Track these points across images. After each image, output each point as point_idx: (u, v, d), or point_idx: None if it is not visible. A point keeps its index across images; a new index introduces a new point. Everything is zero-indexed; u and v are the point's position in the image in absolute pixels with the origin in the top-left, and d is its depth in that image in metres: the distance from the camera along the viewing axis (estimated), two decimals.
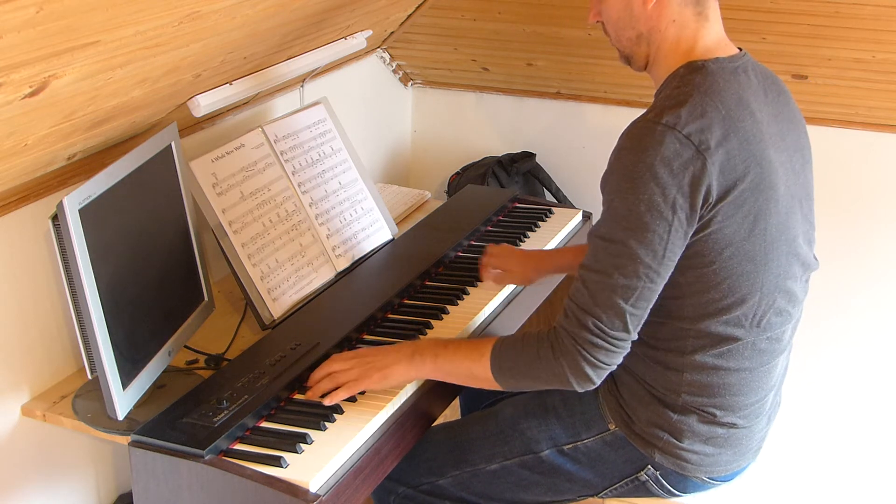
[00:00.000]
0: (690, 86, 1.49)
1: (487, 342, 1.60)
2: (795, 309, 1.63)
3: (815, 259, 1.67)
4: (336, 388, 1.63)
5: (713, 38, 1.56)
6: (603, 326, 1.47)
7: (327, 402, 1.60)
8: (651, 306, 1.49)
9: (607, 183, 1.49)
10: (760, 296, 1.53)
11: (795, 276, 1.59)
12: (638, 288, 1.46)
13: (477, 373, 1.60)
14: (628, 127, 1.50)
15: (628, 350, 1.51)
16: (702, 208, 1.44)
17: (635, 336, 1.50)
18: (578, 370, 1.50)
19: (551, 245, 2.28)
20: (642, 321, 1.50)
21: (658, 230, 1.43)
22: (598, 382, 1.52)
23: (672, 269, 1.48)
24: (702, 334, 1.55)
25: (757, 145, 1.49)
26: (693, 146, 1.42)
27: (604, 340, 1.48)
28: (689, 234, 1.46)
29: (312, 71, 2.33)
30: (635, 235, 1.44)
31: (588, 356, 1.48)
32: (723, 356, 1.56)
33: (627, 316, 1.47)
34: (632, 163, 1.44)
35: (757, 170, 1.48)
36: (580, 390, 1.53)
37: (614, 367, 1.52)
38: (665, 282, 1.49)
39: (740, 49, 1.59)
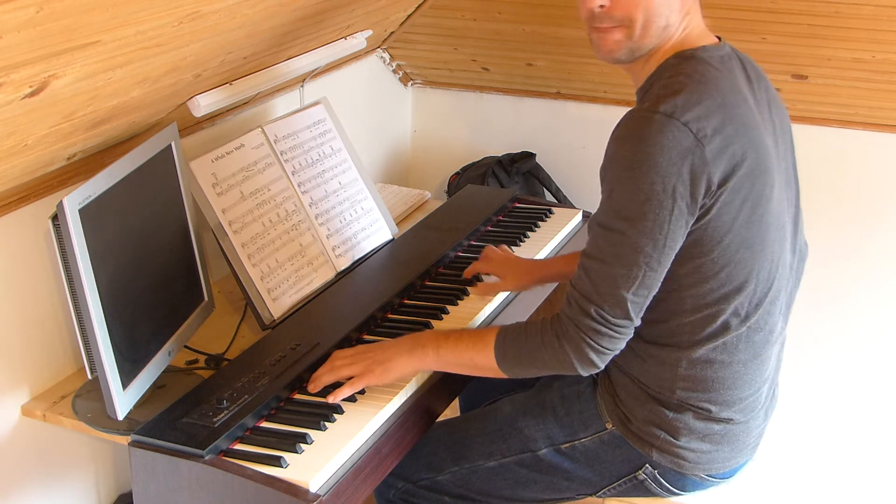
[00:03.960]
0: (684, 74, 1.48)
1: (490, 332, 1.61)
2: (789, 298, 1.63)
3: (806, 244, 1.67)
4: (338, 385, 1.63)
5: (700, 28, 1.57)
6: (605, 314, 1.48)
7: (330, 399, 1.61)
8: (653, 293, 1.50)
9: (606, 172, 1.49)
10: (756, 283, 1.54)
11: (787, 262, 1.60)
12: (638, 277, 1.46)
13: (480, 362, 1.61)
14: (624, 117, 1.48)
15: (632, 334, 1.52)
16: (703, 196, 1.44)
17: (638, 322, 1.51)
18: (583, 356, 1.51)
19: (551, 245, 2.28)
20: (645, 307, 1.51)
21: (658, 219, 1.43)
22: (602, 366, 1.53)
23: (673, 257, 1.48)
24: (697, 328, 1.55)
25: (753, 131, 1.49)
26: (692, 134, 1.42)
27: (606, 327, 1.49)
28: (690, 223, 1.46)
29: (312, 71, 2.33)
30: (634, 225, 1.44)
31: (592, 342, 1.50)
32: (717, 350, 1.56)
33: (629, 304, 1.47)
34: (630, 152, 1.43)
35: (753, 155, 1.48)
36: (584, 374, 1.54)
37: (618, 351, 1.53)
38: (666, 269, 1.49)
39: (719, 38, 1.59)
